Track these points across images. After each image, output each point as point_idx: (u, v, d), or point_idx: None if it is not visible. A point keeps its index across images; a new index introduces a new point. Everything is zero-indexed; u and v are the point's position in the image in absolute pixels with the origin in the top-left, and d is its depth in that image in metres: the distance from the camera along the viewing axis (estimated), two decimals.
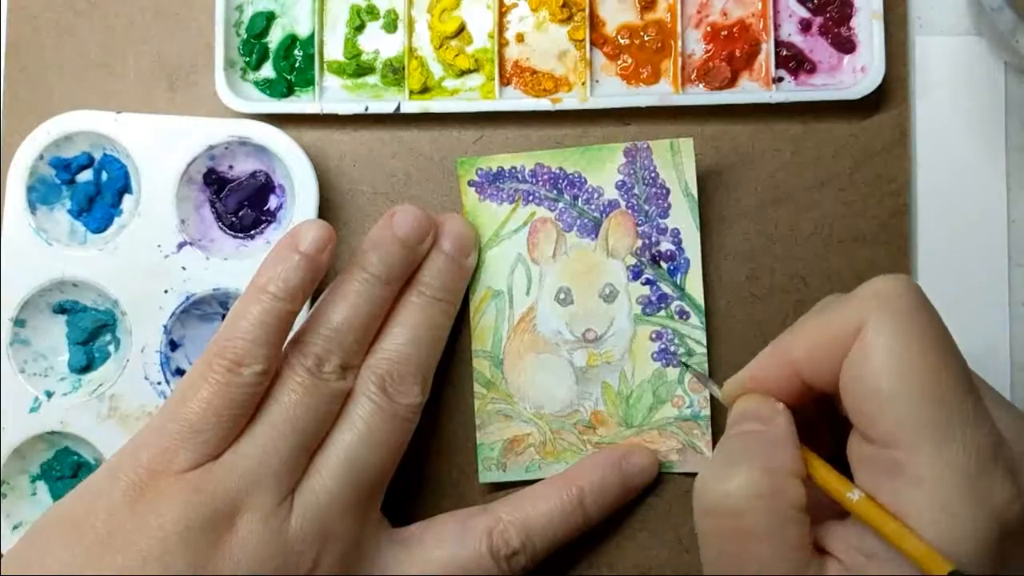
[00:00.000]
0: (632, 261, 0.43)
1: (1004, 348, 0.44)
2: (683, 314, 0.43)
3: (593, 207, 0.43)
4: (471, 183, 0.43)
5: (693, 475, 0.43)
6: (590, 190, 0.43)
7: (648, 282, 0.43)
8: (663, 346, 0.43)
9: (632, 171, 0.43)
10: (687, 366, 0.42)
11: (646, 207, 0.43)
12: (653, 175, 0.43)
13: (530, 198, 0.43)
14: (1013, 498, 0.29)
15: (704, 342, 0.43)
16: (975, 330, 0.44)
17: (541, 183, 0.43)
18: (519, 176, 0.43)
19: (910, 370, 0.30)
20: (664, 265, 0.43)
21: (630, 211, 0.43)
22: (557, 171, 0.43)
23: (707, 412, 0.43)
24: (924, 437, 0.29)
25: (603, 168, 0.43)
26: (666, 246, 0.43)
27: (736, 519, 0.31)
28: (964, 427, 0.29)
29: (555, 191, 0.43)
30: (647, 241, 0.43)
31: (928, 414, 0.29)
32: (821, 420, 0.35)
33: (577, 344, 0.43)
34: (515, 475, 0.43)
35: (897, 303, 0.31)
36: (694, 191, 0.43)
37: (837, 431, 0.34)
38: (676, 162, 0.42)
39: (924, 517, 0.29)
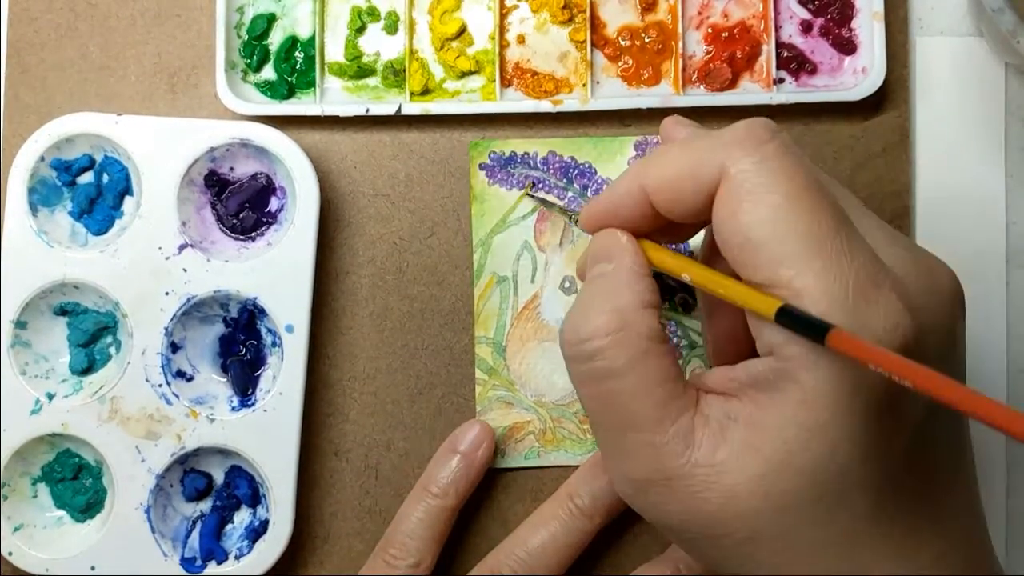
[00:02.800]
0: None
1: (1002, 350, 0.45)
2: (686, 306, 0.43)
3: None
4: (482, 166, 0.44)
5: None
6: (599, 180, 0.43)
7: (652, 273, 0.43)
8: None
9: None
10: (530, 195, 0.42)
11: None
12: None
13: (540, 185, 0.43)
14: (895, 325, 0.28)
15: None
16: (973, 331, 0.44)
17: (552, 171, 0.43)
18: (530, 162, 0.43)
19: (777, 212, 0.29)
20: None
21: None
22: (568, 160, 0.43)
23: None
24: (800, 274, 0.29)
25: (613, 159, 0.43)
26: None
27: (595, 362, 0.31)
28: (839, 259, 0.29)
29: (565, 179, 0.43)
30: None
31: (800, 251, 0.29)
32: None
33: None
34: (514, 462, 0.44)
35: (759, 149, 0.30)
36: None
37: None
38: None
39: (809, 353, 0.28)
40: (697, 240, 0.38)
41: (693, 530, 0.30)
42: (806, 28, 0.45)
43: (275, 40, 0.45)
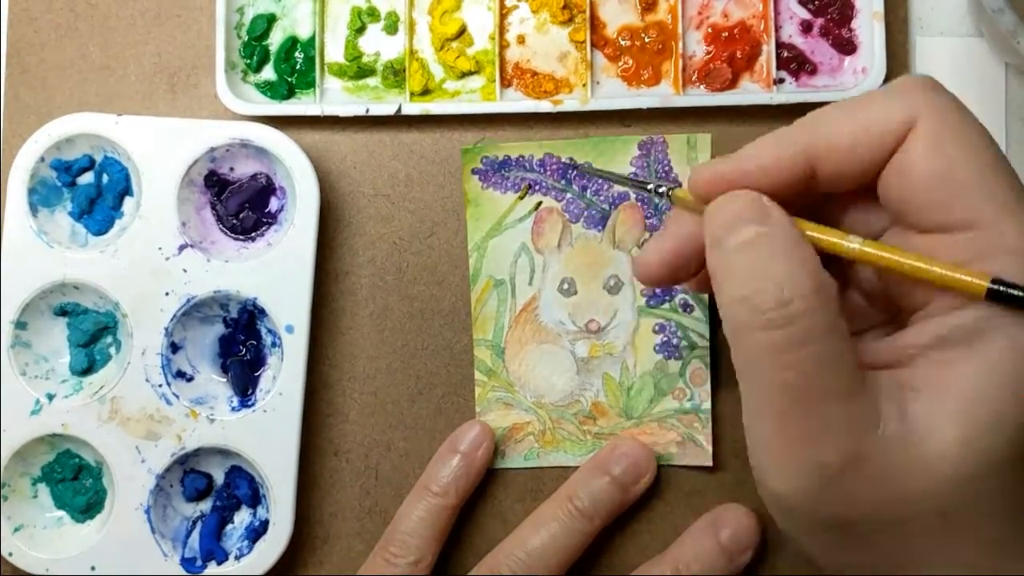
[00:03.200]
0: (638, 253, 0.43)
1: None
2: (687, 307, 0.43)
3: (602, 198, 0.43)
4: (475, 171, 0.43)
5: (693, 469, 0.43)
6: (600, 181, 0.43)
7: None
8: (666, 339, 0.43)
9: (646, 163, 0.43)
10: (584, 168, 0.40)
11: (656, 200, 0.43)
12: (666, 168, 0.43)
13: (537, 187, 0.43)
14: None
15: (707, 335, 0.43)
16: None
17: (549, 172, 0.43)
18: (527, 165, 0.43)
19: (979, 154, 0.29)
20: None
21: (639, 203, 0.43)
22: (567, 161, 0.43)
23: (708, 405, 0.43)
24: (1007, 216, 0.28)
25: (615, 159, 0.43)
26: None
27: (795, 324, 0.28)
28: None
29: (563, 181, 0.43)
30: (655, 234, 0.43)
31: (1007, 194, 0.28)
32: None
33: (579, 334, 0.43)
34: (514, 462, 0.44)
35: (943, 96, 0.30)
36: None
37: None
38: (691, 157, 0.43)
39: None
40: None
41: (884, 516, 0.28)
42: (806, 28, 0.45)
43: (275, 40, 0.45)
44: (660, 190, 0.35)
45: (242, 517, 0.44)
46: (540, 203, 0.44)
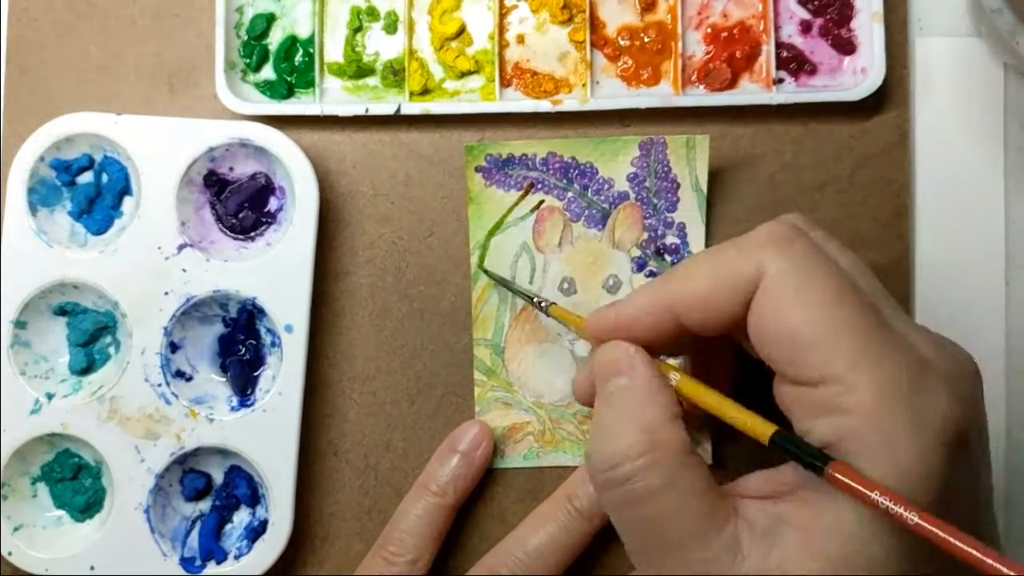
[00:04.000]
0: (637, 253, 0.43)
1: (1001, 350, 0.44)
2: None
3: (603, 198, 0.43)
4: (478, 168, 0.43)
5: None
6: (600, 181, 0.43)
7: (652, 274, 0.43)
8: None
9: (645, 164, 0.43)
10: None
11: (655, 200, 0.43)
12: (666, 169, 0.43)
13: (539, 186, 0.43)
14: (947, 410, 0.29)
15: None
16: (973, 332, 0.44)
17: (551, 171, 0.43)
18: (529, 163, 0.43)
19: (823, 311, 0.29)
20: (668, 258, 0.43)
21: (639, 203, 0.43)
22: (569, 160, 0.43)
23: None
24: (853, 370, 0.29)
25: (616, 160, 0.43)
26: (671, 239, 0.43)
27: (630, 485, 0.30)
28: (889, 352, 0.29)
29: (565, 180, 0.43)
30: (653, 234, 0.43)
31: (851, 348, 0.29)
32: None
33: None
34: (513, 462, 0.44)
35: (792, 247, 0.31)
36: (704, 187, 0.43)
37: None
38: (690, 158, 0.43)
39: (870, 448, 0.28)
40: None
41: None
42: (806, 28, 0.45)
43: (274, 40, 0.45)
44: (542, 305, 0.41)
45: (241, 517, 0.44)
46: (542, 202, 0.44)
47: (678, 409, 0.32)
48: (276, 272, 0.42)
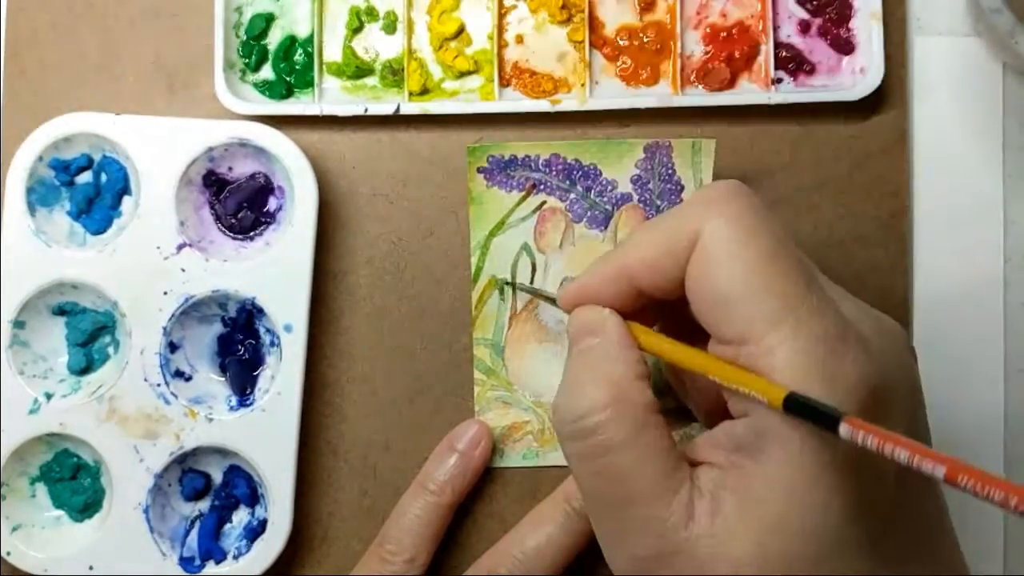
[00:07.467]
0: None
1: (1000, 349, 0.45)
2: None
3: (606, 199, 0.43)
4: (480, 169, 0.43)
5: None
6: (604, 182, 0.43)
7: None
8: None
9: (650, 166, 0.43)
10: (512, 285, 0.43)
11: (658, 202, 0.43)
12: (670, 171, 0.43)
13: (541, 187, 0.43)
14: (864, 376, 0.29)
15: None
16: (971, 331, 0.44)
17: (554, 172, 0.43)
18: (532, 164, 0.43)
19: (750, 270, 0.30)
20: None
21: (642, 205, 0.43)
22: (572, 162, 0.43)
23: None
24: (774, 331, 0.29)
25: (620, 162, 0.43)
26: None
27: (594, 437, 0.31)
28: (810, 316, 0.29)
29: (568, 181, 0.43)
30: None
31: (774, 309, 0.29)
32: (658, 321, 0.36)
33: None
34: (512, 461, 0.44)
35: (729, 207, 0.31)
36: None
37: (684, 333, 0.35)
38: (695, 161, 0.43)
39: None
40: None
41: None
42: (804, 28, 0.45)
43: (273, 40, 0.45)
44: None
45: (240, 516, 0.44)
46: (544, 203, 0.44)
47: (645, 368, 0.32)
48: (275, 272, 0.42)
